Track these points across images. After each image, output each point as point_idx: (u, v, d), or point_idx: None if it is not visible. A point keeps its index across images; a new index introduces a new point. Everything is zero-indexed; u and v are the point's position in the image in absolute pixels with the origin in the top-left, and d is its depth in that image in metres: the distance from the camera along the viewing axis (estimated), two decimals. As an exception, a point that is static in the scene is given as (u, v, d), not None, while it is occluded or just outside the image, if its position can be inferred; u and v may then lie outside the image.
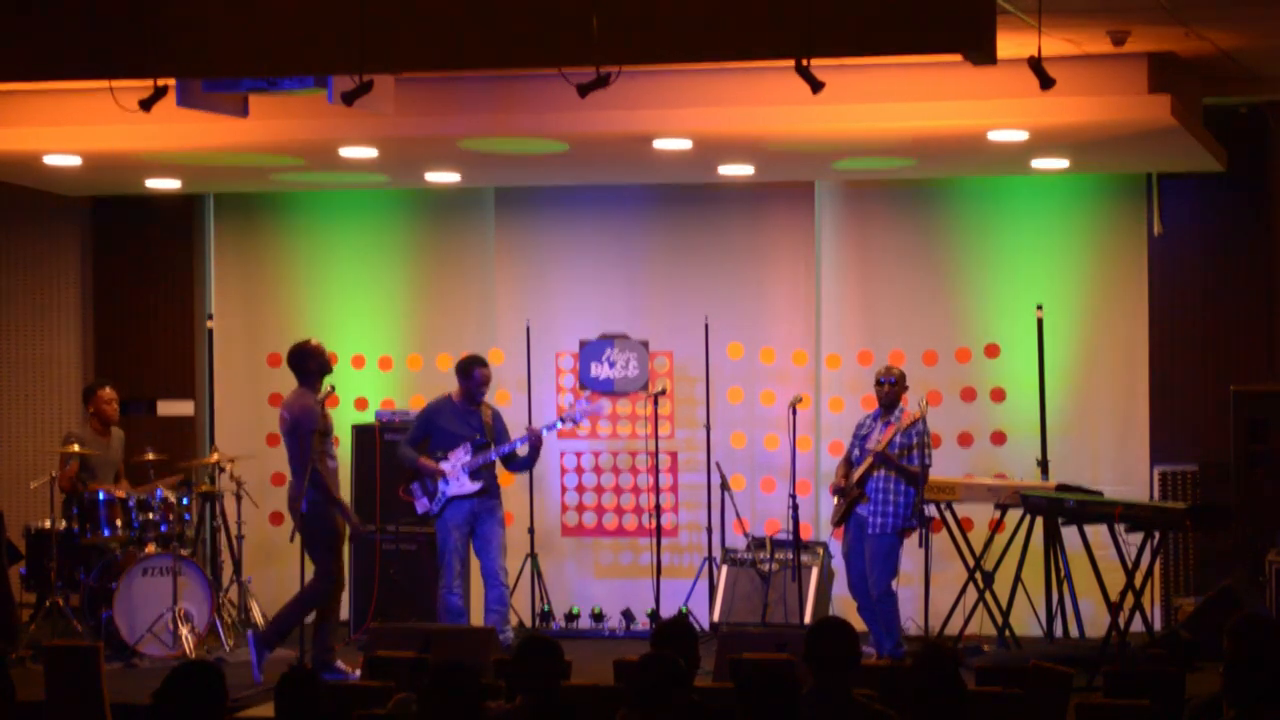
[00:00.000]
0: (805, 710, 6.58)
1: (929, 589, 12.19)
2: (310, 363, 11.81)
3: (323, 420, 11.67)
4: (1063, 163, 12.95)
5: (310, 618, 11.70)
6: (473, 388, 12.39)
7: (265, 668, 11.63)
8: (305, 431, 11.56)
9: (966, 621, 12.72)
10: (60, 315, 14.88)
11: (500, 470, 12.65)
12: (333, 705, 6.51)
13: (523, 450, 12.52)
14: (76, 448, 12.68)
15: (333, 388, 12.26)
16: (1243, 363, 13.53)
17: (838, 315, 14.09)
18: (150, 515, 12.62)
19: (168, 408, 14.91)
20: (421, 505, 12.46)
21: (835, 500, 12.34)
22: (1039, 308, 13.37)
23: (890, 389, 12.11)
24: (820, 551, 13.20)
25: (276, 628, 11.76)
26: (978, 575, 12.71)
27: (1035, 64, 8.74)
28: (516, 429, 12.97)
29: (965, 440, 13.78)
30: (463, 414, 12.42)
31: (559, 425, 12.92)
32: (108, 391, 13.06)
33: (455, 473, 12.32)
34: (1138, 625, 11.88)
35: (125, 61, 8.86)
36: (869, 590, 12.03)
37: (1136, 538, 11.60)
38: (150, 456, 13.05)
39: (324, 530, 11.66)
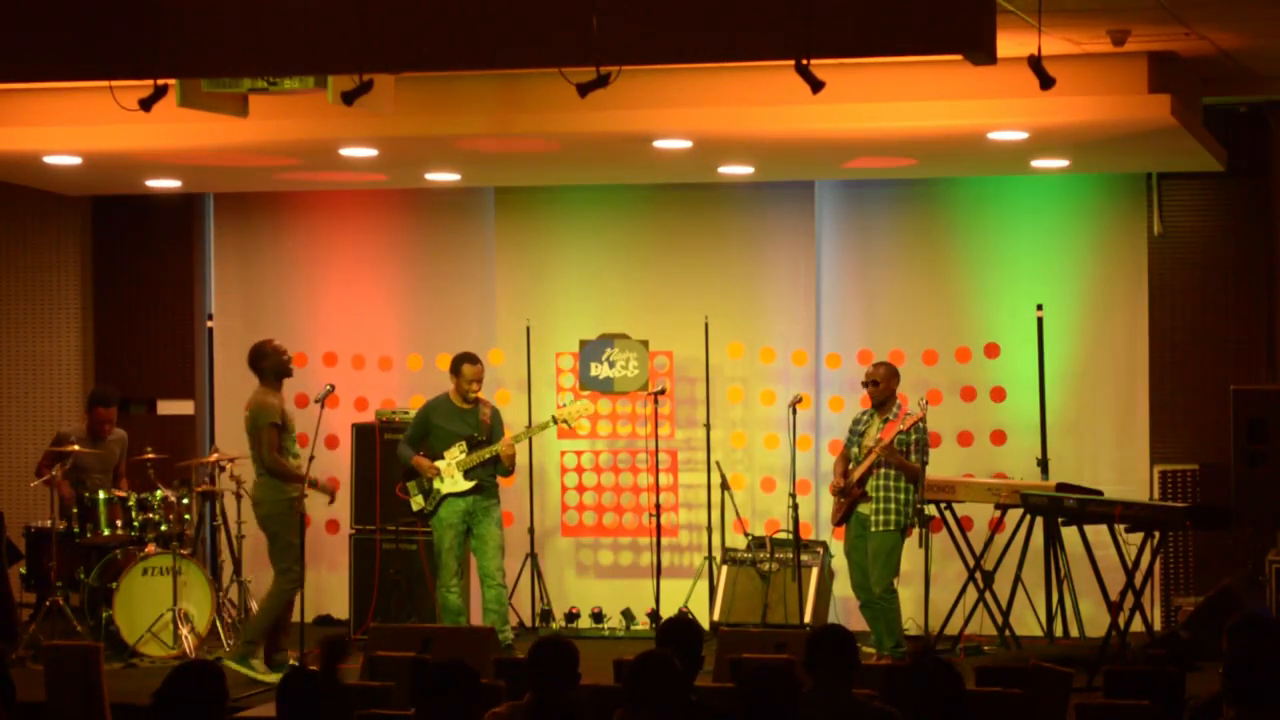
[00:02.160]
0: (805, 710, 6.58)
1: (929, 589, 12.19)
2: (264, 362, 12.11)
3: (282, 416, 11.98)
4: (1063, 163, 12.95)
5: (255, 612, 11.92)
6: (463, 384, 12.41)
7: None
8: (266, 424, 11.88)
9: (966, 621, 12.73)
10: (60, 315, 14.88)
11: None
12: (336, 706, 6.49)
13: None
14: (76, 447, 12.69)
15: (332, 387, 12.27)
16: (1243, 363, 13.53)
17: (838, 315, 14.09)
18: (150, 515, 12.63)
19: (168, 407, 14.91)
20: (417, 503, 12.48)
21: (836, 500, 12.33)
22: (1039, 308, 13.37)
23: (876, 388, 12.14)
24: (820, 551, 13.20)
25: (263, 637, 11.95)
26: (978, 575, 12.72)
27: (1035, 63, 8.73)
28: (516, 429, 12.98)
29: (965, 440, 13.78)
30: (459, 412, 12.44)
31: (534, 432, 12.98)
32: (106, 412, 13.07)
33: (450, 471, 12.34)
34: (1138, 625, 11.88)
35: (125, 61, 8.85)
36: (871, 588, 12.03)
37: (1136, 538, 11.60)
38: (150, 456, 13.05)
39: (287, 529, 11.87)
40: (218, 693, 6.16)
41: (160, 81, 8.80)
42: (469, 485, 12.31)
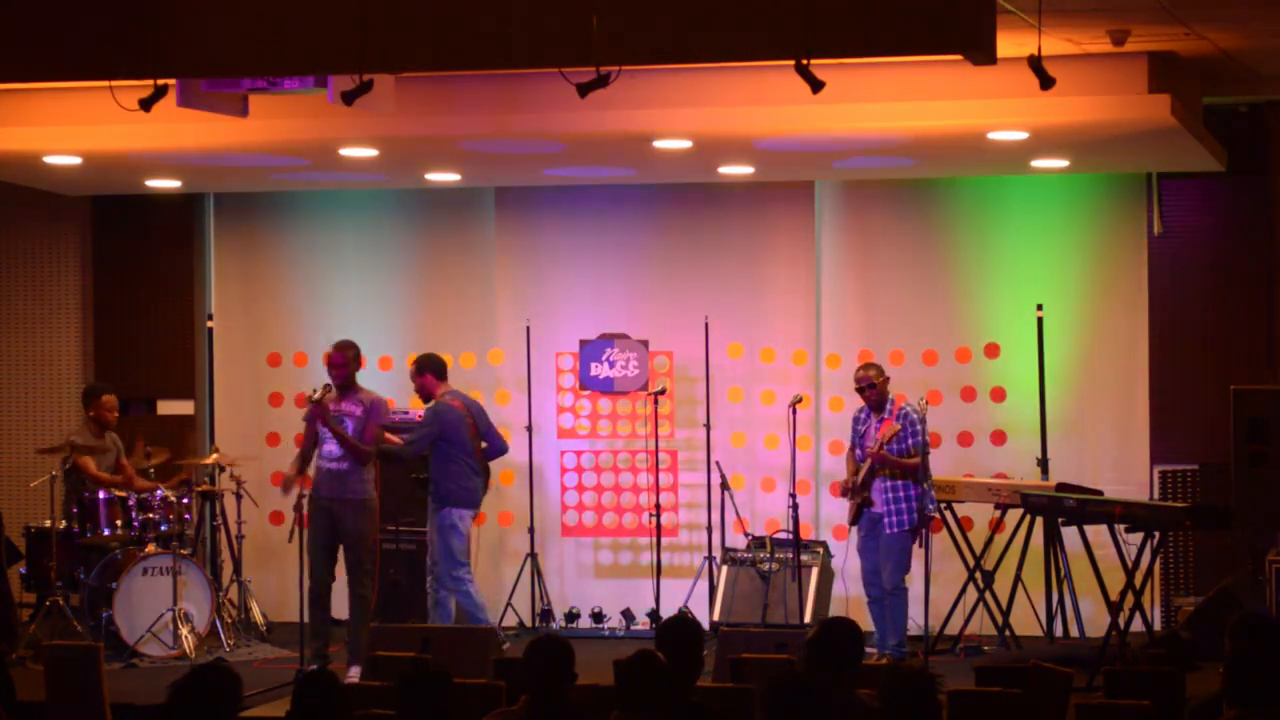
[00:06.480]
0: (805, 710, 6.56)
1: (929, 589, 12.19)
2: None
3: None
4: (1063, 163, 12.95)
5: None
6: None
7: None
8: None
9: (966, 621, 12.73)
10: (60, 315, 14.88)
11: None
12: (350, 707, 6.44)
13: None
14: (90, 455, 12.69)
15: (330, 386, 12.20)
16: (1243, 363, 13.53)
17: (838, 315, 14.09)
18: (150, 515, 12.62)
19: (168, 408, 14.91)
20: None
21: (848, 500, 12.34)
22: (1039, 308, 13.37)
23: (871, 392, 12.13)
24: (820, 551, 13.20)
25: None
26: (978, 575, 12.72)
27: (1035, 63, 8.74)
28: (517, 429, 12.98)
29: (965, 440, 13.78)
30: None
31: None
32: (111, 399, 13.06)
33: None
34: (1138, 625, 11.88)
35: (125, 61, 8.85)
36: (882, 584, 12.04)
37: (1136, 538, 11.60)
38: (150, 456, 13.04)
39: None
40: (233, 698, 6.11)
41: (160, 81, 8.81)
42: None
